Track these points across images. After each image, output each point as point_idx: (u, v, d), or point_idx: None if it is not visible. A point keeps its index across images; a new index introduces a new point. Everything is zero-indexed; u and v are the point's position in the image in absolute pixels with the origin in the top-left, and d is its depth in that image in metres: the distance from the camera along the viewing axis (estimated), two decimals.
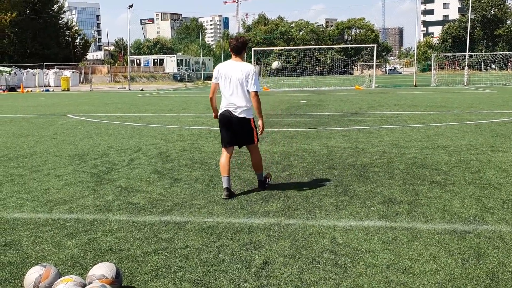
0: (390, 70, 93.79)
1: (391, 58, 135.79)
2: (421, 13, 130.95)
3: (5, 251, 3.77)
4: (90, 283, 2.88)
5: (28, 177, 6.46)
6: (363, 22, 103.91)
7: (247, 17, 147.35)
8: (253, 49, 37.30)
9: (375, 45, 36.84)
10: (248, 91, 5.14)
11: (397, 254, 3.58)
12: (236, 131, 5.23)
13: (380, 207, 4.75)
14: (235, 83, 5.12)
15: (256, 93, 5.15)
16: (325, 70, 70.94)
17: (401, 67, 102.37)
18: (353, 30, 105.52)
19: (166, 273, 3.31)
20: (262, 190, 5.43)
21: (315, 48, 64.48)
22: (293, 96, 25.04)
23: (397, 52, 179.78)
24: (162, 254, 3.66)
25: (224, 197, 5.15)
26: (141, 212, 4.78)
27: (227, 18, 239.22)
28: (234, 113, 5.18)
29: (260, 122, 5.30)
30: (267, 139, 9.44)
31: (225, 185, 5.21)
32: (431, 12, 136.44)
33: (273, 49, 74.40)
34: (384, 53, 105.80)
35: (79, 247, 3.84)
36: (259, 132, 5.35)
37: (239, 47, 5.15)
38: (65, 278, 2.82)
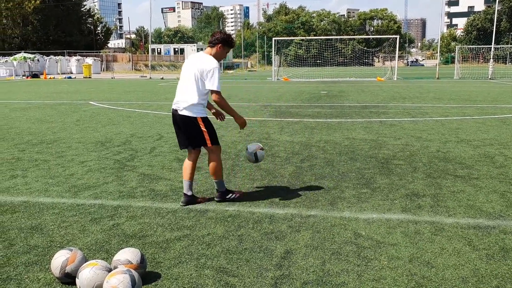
0: (412, 62, 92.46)
1: (413, 50, 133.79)
2: (446, 4, 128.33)
3: (31, 235, 3.86)
4: (115, 267, 2.93)
5: (53, 162, 6.57)
6: (385, 13, 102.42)
7: (268, 7, 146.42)
8: (273, 39, 37.12)
9: (397, 36, 36.33)
10: (200, 88, 4.46)
11: (420, 248, 3.55)
12: (184, 131, 4.61)
13: (403, 200, 4.71)
14: (188, 76, 4.51)
15: (216, 93, 4.42)
16: (346, 61, 70.22)
17: (423, 59, 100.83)
18: (375, 20, 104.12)
19: (189, 260, 3.34)
20: (220, 200, 4.69)
21: (336, 39, 63.85)
22: (314, 86, 24.88)
23: (419, 44, 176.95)
24: (184, 241, 3.70)
25: (180, 203, 4.63)
26: (163, 199, 4.83)
27: (247, 8, 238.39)
28: (178, 111, 4.57)
29: (238, 121, 4.71)
30: (287, 129, 9.42)
31: (184, 190, 4.67)
32: (455, 3, 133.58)
33: (294, 39, 73.96)
34: (406, 45, 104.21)
35: (104, 232, 3.91)
36: (242, 123, 4.73)
37: (212, 40, 4.53)
38: (91, 262, 2.88)
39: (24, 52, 47.03)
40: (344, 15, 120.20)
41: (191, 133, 4.56)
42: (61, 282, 3.00)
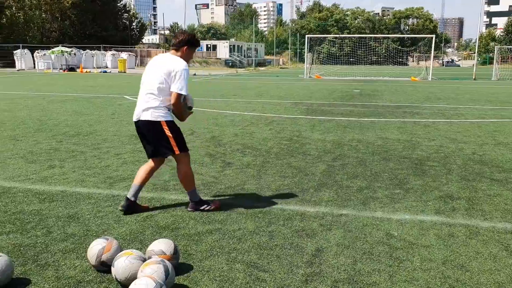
0: (448, 62, 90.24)
1: (449, 50, 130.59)
2: (485, 3, 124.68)
3: (68, 223, 3.98)
4: (149, 257, 3.00)
5: (89, 154, 6.74)
6: (421, 12, 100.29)
7: (301, 4, 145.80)
8: (306, 36, 36.93)
9: (433, 36, 35.54)
10: (165, 90, 4.05)
11: (454, 251, 3.48)
12: (148, 139, 4.20)
13: (437, 202, 4.63)
14: (150, 80, 4.11)
15: (177, 95, 3.99)
16: (379, 59, 69.19)
17: (459, 60, 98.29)
18: (410, 19, 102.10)
19: (220, 253, 3.38)
20: (192, 211, 4.27)
21: (370, 37, 63.00)
22: (346, 85, 24.64)
23: (455, 44, 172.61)
24: (216, 234, 3.74)
25: (119, 207, 4.25)
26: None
27: (281, 5, 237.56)
28: (140, 116, 4.12)
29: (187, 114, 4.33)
30: (319, 128, 9.38)
31: (128, 194, 4.27)
32: (496, 2, 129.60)
33: (327, 37, 73.37)
34: (442, 45, 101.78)
35: (138, 223, 3.99)
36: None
37: (176, 43, 4.16)
38: (126, 252, 2.95)
39: (62, 46, 48.23)
40: (378, 13, 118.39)
41: (155, 140, 4.12)
42: (97, 270, 3.09)
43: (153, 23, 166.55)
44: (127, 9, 75.91)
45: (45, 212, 4.24)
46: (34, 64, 44.28)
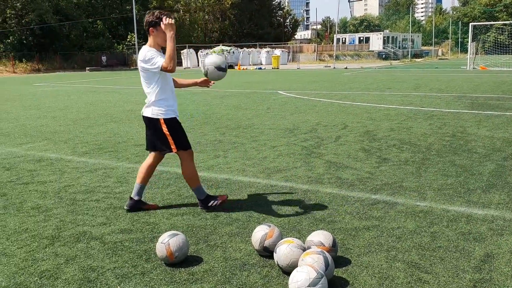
0: None
1: None
2: None
3: (233, 209, 4.28)
4: (308, 247, 3.08)
5: (248, 145, 7.15)
6: None
7: None
8: (470, 24, 33.86)
9: None
10: (152, 83, 4.02)
11: None
12: (147, 133, 4.24)
13: None
14: (141, 75, 4.12)
15: (165, 67, 3.80)
16: None
17: None
18: None
19: (379, 251, 3.32)
20: (202, 209, 4.25)
21: None
22: None
23: None
24: (373, 231, 3.68)
25: (124, 207, 4.30)
26: (350, 187, 4.87)
27: None
28: (143, 112, 4.20)
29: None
30: (486, 123, 8.56)
31: (132, 193, 4.28)
32: None
33: (494, 24, 66.33)
34: None
35: (295, 213, 4.13)
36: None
37: (145, 29, 4.04)
38: (287, 240, 3.07)
39: (222, 45, 51.80)
40: None
41: (154, 136, 4.14)
42: (259, 255, 3.28)
43: (305, 19, 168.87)
44: (282, 6, 78.23)
45: None
46: (198, 62, 48.37)
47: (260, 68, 42.19)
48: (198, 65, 47.85)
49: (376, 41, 67.37)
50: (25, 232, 3.82)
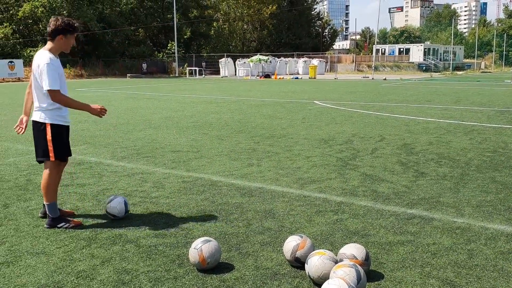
0: None
1: None
2: None
3: (265, 218, 4.29)
4: (341, 260, 3.05)
5: (282, 155, 7.16)
6: None
7: (510, 1, 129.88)
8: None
9: None
10: (43, 89, 3.87)
11: None
12: (34, 140, 4.07)
13: None
14: (33, 79, 4.00)
15: (51, 92, 3.80)
16: None
17: None
18: None
19: (413, 266, 3.26)
20: (48, 227, 4.02)
21: None
22: None
23: None
24: (408, 246, 3.61)
25: (39, 214, 4.30)
26: (385, 201, 4.79)
27: (485, 4, 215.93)
28: (31, 116, 4.05)
29: (94, 112, 4.06)
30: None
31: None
32: None
33: None
34: None
35: (328, 225, 4.10)
36: (98, 113, 4.03)
37: (50, 33, 3.91)
38: (319, 251, 3.06)
39: (260, 54, 52.15)
40: None
41: (37, 141, 4.01)
42: (291, 265, 3.28)
43: (344, 29, 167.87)
44: (320, 16, 78.17)
45: (245, 205, 4.66)
46: (235, 71, 48.81)
47: (297, 78, 42.15)
48: (235, 74, 48.30)
49: (416, 52, 66.22)
50: (63, 232, 3.95)
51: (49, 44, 3.95)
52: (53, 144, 3.94)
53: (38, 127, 3.96)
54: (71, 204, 4.70)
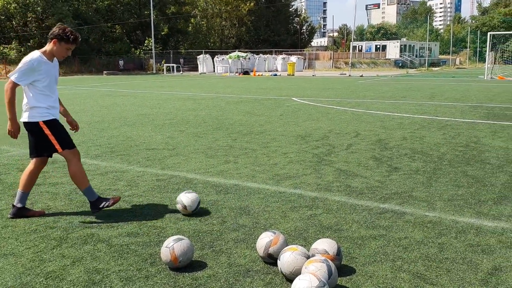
0: None
1: None
2: None
3: (240, 215, 4.29)
4: (313, 255, 3.07)
5: (259, 152, 7.16)
6: None
7: None
8: (488, 33, 33.50)
9: None
10: (31, 88, 4.01)
11: None
12: (29, 139, 4.20)
13: None
14: None
15: (10, 82, 3.90)
16: None
17: None
18: None
19: (384, 260, 3.29)
20: (95, 212, 4.26)
21: None
22: None
23: None
24: (380, 240, 3.65)
25: (9, 215, 4.23)
26: (359, 196, 4.83)
27: (459, 1, 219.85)
28: (21, 117, 4.12)
29: (8, 126, 4.07)
30: (501, 134, 8.44)
31: (15, 200, 4.23)
32: None
33: None
34: None
35: (302, 221, 4.11)
36: (9, 132, 4.10)
37: (48, 35, 4.08)
38: (291, 247, 3.06)
39: (238, 51, 52.05)
40: None
41: (36, 140, 4.12)
42: (264, 262, 3.28)
43: (322, 26, 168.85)
44: (298, 13, 78.40)
45: (220, 203, 4.64)
46: (214, 68, 48.61)
47: (276, 75, 42.23)
48: (214, 70, 48.11)
49: (393, 49, 67.05)
50: (34, 233, 3.87)
51: (45, 46, 4.11)
52: (55, 137, 4.08)
53: (32, 127, 4.07)
54: (43, 204, 4.61)
